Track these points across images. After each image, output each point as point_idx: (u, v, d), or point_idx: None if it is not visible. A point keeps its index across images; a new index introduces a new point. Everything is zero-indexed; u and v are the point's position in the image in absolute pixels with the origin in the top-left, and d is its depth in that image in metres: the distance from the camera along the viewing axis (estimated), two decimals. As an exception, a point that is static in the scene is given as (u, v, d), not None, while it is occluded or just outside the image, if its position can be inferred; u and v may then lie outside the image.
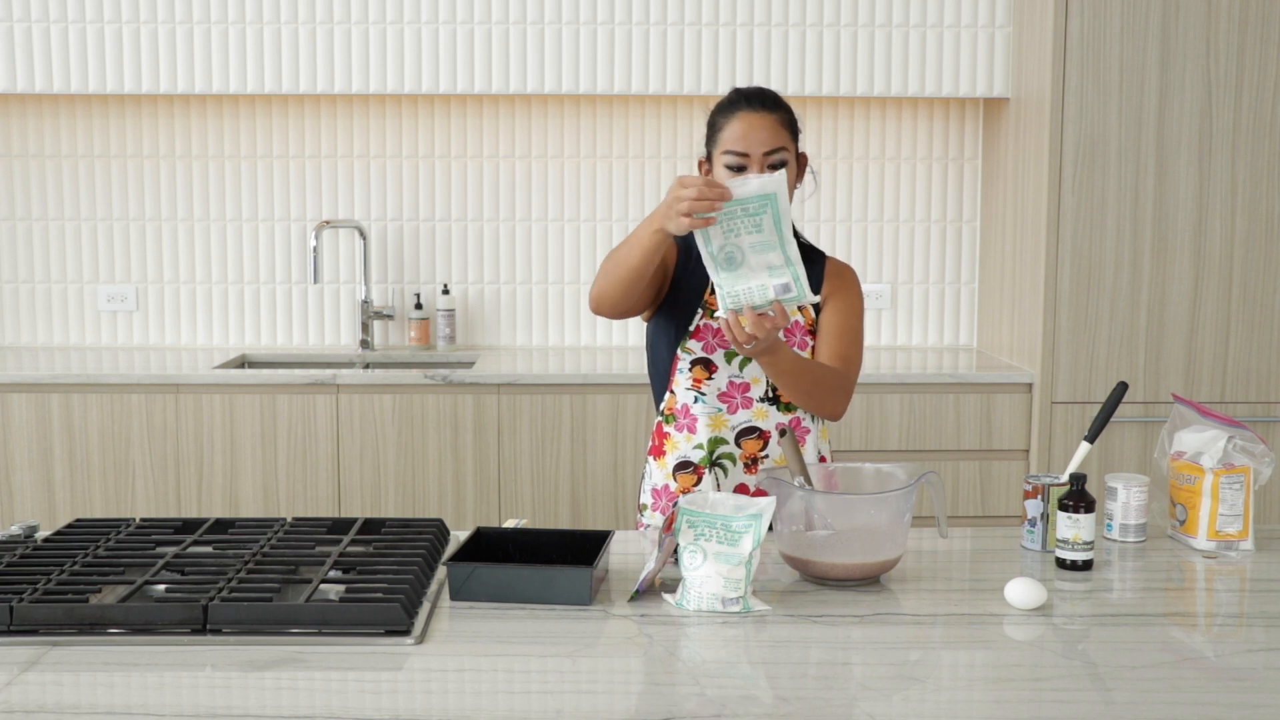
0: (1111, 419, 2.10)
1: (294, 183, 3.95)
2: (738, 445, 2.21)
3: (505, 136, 3.95)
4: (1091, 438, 2.06)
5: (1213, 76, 3.34)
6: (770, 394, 2.19)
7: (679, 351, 2.21)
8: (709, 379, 2.20)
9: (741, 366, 2.19)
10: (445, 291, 3.94)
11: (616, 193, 3.97)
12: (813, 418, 2.23)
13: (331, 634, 1.59)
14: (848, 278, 2.26)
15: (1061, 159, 3.37)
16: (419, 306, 3.94)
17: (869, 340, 4.04)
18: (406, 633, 1.60)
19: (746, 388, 2.19)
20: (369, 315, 3.94)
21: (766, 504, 1.76)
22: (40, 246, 3.95)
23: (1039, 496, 2.02)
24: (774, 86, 3.71)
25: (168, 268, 3.97)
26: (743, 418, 2.20)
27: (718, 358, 2.19)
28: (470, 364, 3.75)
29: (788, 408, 2.20)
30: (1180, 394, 2.96)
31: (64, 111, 3.89)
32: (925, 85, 3.74)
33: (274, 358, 3.90)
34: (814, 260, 2.24)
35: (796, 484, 1.88)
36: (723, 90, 3.65)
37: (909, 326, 4.05)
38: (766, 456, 2.21)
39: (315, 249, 3.81)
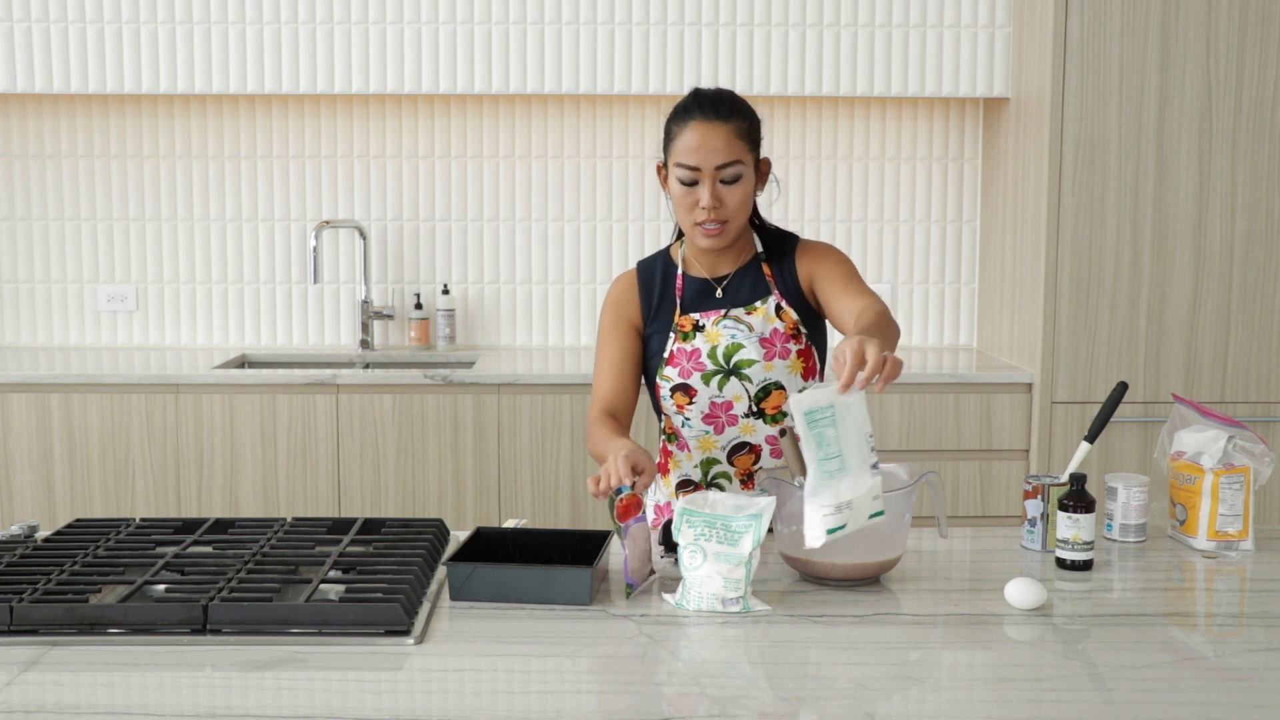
0: (1111, 419, 2.10)
1: (294, 183, 3.95)
2: (730, 463, 2.16)
3: (505, 136, 3.95)
4: (1091, 438, 2.06)
5: (1213, 76, 3.34)
6: (754, 409, 2.13)
7: (658, 380, 2.16)
8: (690, 403, 2.13)
9: (721, 386, 2.11)
10: (445, 291, 3.94)
11: (616, 193, 3.97)
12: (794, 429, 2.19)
13: (331, 634, 1.59)
14: (821, 247, 2.18)
15: (1061, 159, 3.37)
16: (419, 306, 3.94)
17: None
18: (406, 633, 1.60)
19: (729, 406, 2.12)
20: (369, 315, 3.94)
21: (766, 504, 1.76)
22: (40, 246, 3.95)
23: (1039, 496, 2.02)
24: (774, 86, 3.71)
25: (168, 268, 3.97)
26: (731, 435, 2.14)
27: (695, 381, 2.12)
28: (470, 364, 3.75)
29: (773, 419, 2.14)
30: (1180, 394, 2.96)
31: (64, 111, 3.89)
32: (925, 85, 3.74)
33: (274, 358, 3.90)
34: (786, 245, 2.19)
35: (796, 484, 1.87)
36: (723, 90, 3.66)
37: (909, 326, 4.05)
38: (760, 469, 2.16)
39: (315, 249, 3.81)
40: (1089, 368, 3.44)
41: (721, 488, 2.17)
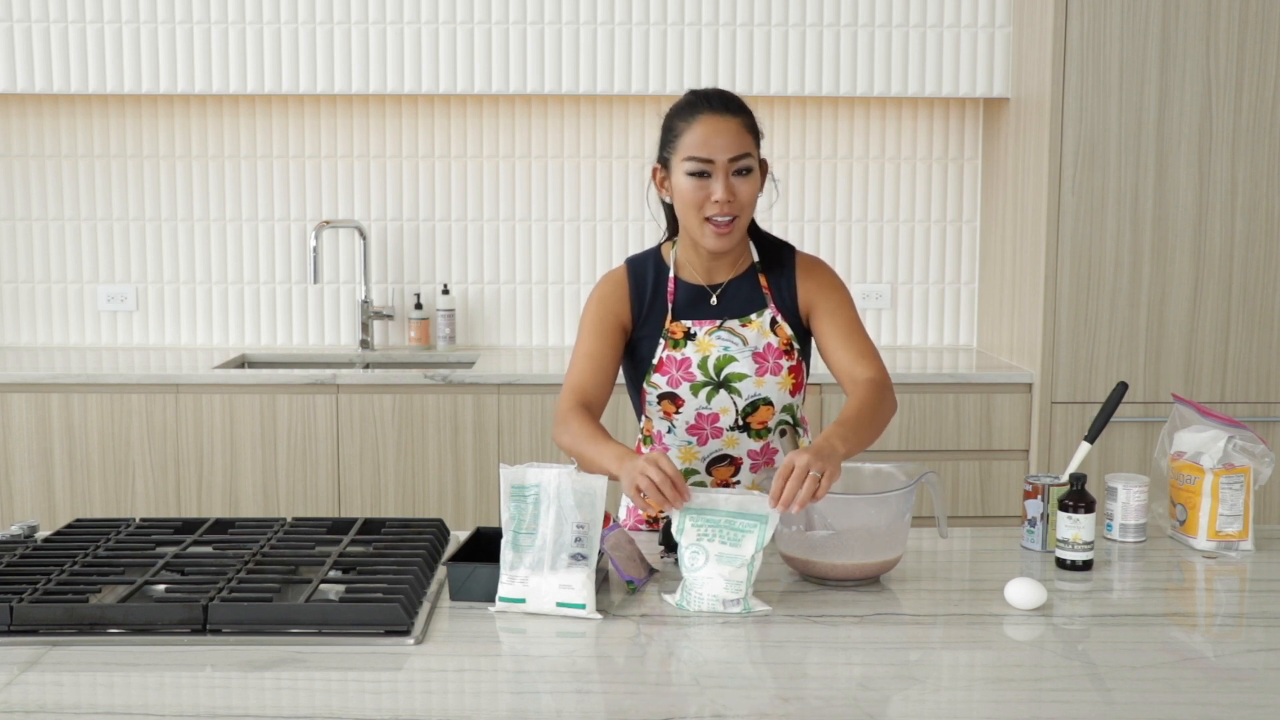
0: (1111, 419, 2.10)
1: (294, 183, 3.95)
2: (709, 474, 2.14)
3: (505, 136, 3.95)
4: (1091, 438, 2.06)
5: (1213, 76, 3.34)
6: (740, 422, 2.10)
7: (645, 386, 2.12)
8: (677, 412, 2.10)
9: (709, 398, 2.08)
10: (445, 291, 3.94)
11: (616, 193, 3.97)
12: (793, 427, 2.17)
13: (331, 634, 1.59)
14: (823, 275, 2.13)
15: (1061, 159, 3.37)
16: (419, 306, 3.94)
17: (869, 340, 4.04)
18: (406, 633, 1.60)
19: (716, 418, 2.09)
20: (369, 315, 3.94)
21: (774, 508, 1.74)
22: (40, 246, 3.95)
23: (1039, 496, 2.02)
24: (774, 86, 3.71)
25: (168, 268, 3.97)
26: (713, 448, 2.12)
27: (683, 391, 2.08)
28: (470, 364, 3.75)
29: (759, 434, 2.11)
30: (1180, 394, 2.96)
31: (64, 111, 3.89)
32: (925, 85, 3.74)
33: (274, 358, 3.90)
34: (783, 256, 2.14)
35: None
36: (723, 90, 3.65)
37: (909, 326, 4.05)
38: (739, 482, 2.14)
39: (315, 249, 3.81)
40: (1089, 368, 3.44)
41: None
